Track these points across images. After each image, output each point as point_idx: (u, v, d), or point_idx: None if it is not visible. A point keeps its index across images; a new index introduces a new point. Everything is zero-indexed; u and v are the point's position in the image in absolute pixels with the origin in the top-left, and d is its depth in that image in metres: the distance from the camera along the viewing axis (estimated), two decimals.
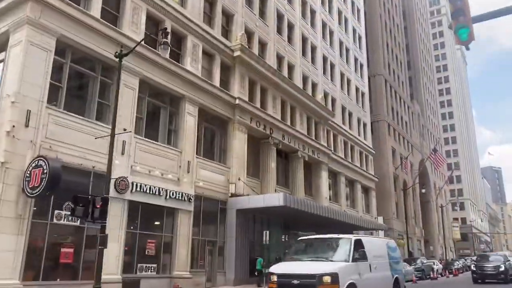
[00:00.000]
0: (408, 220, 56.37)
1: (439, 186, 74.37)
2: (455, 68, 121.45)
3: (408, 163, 54.31)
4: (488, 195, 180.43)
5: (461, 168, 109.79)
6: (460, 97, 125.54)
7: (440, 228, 72.58)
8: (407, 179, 58.47)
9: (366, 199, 44.21)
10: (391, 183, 51.20)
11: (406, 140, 60.90)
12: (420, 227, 60.41)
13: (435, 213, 70.45)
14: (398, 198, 53.41)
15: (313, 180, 34.08)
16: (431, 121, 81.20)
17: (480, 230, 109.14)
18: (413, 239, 56.16)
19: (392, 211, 49.62)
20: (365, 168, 44.40)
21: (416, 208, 60.75)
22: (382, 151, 51.69)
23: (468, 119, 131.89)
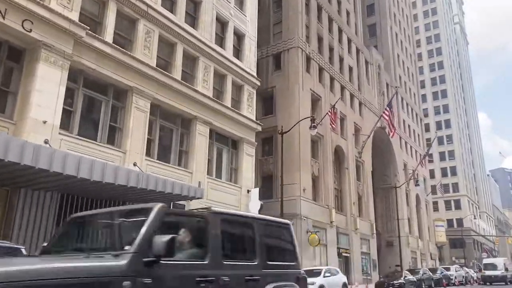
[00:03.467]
0: (343, 207, 36.89)
1: (415, 170, 54.44)
2: (449, 40, 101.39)
3: (337, 115, 34.99)
4: (497, 197, 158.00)
5: (456, 156, 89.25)
6: (457, 75, 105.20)
7: (413, 226, 52.56)
8: (347, 147, 39.00)
9: (236, 161, 25.17)
10: (305, 144, 31.95)
11: (349, 92, 41.51)
12: (369, 221, 40.70)
13: (404, 205, 50.56)
14: (323, 171, 34.08)
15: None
16: (408, 88, 61.52)
17: (478, 233, 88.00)
18: (352, 237, 36.58)
19: (302, 188, 30.34)
20: (243, 109, 25.61)
21: (364, 193, 41.13)
22: (291, 94, 32.58)
23: (469, 103, 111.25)
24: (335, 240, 33.60)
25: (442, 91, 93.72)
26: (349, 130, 39.79)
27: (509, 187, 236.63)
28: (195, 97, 21.73)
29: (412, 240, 50.56)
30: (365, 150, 42.44)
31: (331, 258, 32.47)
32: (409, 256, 48.99)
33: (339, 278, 19.64)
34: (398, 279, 26.96)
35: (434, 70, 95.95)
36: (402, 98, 57.48)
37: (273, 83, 33.89)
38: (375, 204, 50.18)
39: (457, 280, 37.33)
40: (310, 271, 19.45)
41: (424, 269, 33.13)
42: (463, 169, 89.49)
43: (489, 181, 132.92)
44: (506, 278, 37.56)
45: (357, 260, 36.58)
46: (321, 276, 18.29)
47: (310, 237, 29.50)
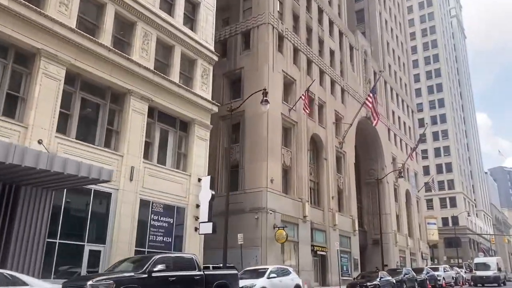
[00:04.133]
0: (320, 201, 33.76)
1: (404, 163, 51.34)
2: (445, 32, 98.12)
3: (316, 101, 31.82)
4: (495, 195, 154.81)
5: (451, 152, 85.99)
6: (453, 70, 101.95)
7: (402, 223, 49.40)
8: (326, 136, 35.83)
9: (185, 145, 21.94)
10: (274, 131, 28.76)
11: (330, 78, 38.32)
12: (351, 216, 37.53)
13: (391, 200, 47.41)
14: (296, 161, 30.90)
15: None
16: (398, 78, 58.29)
17: (474, 232, 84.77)
18: (329, 233, 33.40)
19: (269, 177, 27.14)
20: (196, 86, 22.38)
21: (346, 186, 37.95)
22: (260, 75, 29.41)
23: (466, 98, 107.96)
24: (308, 236, 30.44)
25: (437, 85, 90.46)
26: (328, 118, 36.60)
27: (508, 186, 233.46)
28: (129, 67, 18.56)
29: (400, 238, 47.37)
30: (348, 140, 39.28)
31: (304, 256, 29.33)
32: (397, 255, 45.85)
33: (289, 279, 16.45)
34: (373, 281, 23.78)
35: (429, 63, 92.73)
36: (392, 88, 54.28)
37: (242, 64, 30.74)
38: (361, 200, 47.07)
39: (445, 282, 34.13)
40: (253, 271, 16.30)
41: (407, 269, 29.89)
42: (458, 165, 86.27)
43: (487, 179, 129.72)
44: (499, 279, 34.46)
45: (335, 259, 33.37)
46: (264, 277, 15.10)
47: (276, 232, 26.43)
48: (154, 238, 18.97)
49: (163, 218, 19.54)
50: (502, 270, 36.07)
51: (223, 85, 31.39)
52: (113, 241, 16.96)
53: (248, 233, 26.47)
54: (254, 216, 26.51)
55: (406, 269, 29.83)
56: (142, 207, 18.54)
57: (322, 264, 32.72)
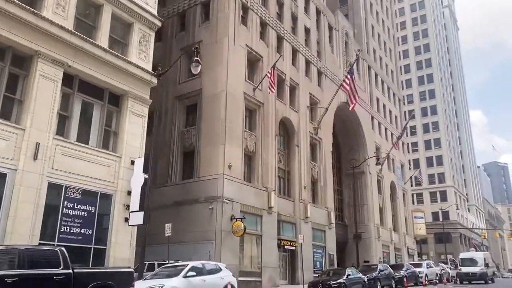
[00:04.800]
0: (290, 191, 30.75)
1: (389, 153, 48.41)
2: (436, 22, 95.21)
3: (286, 82, 28.73)
4: (488, 190, 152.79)
5: (442, 144, 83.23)
6: (445, 60, 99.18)
7: (386, 217, 46.52)
8: (298, 121, 32.76)
9: (116, 121, 18.74)
10: (234, 111, 25.64)
11: (304, 58, 35.23)
12: (326, 208, 34.52)
13: (374, 192, 44.49)
14: (261, 146, 27.80)
15: None
16: (384, 64, 55.28)
17: (464, 226, 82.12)
18: (300, 226, 30.38)
19: (227, 163, 24.03)
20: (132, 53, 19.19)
21: (321, 176, 34.92)
22: (219, 49, 26.26)
23: (458, 91, 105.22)
24: (274, 229, 27.40)
25: (428, 75, 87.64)
26: (302, 101, 33.53)
27: (502, 181, 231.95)
28: (37, 24, 15.35)
29: (384, 232, 44.49)
30: (324, 127, 36.26)
31: (268, 251, 26.29)
32: (379, 250, 42.97)
33: (217, 278, 13.35)
34: (338, 278, 20.81)
35: (419, 53, 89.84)
36: (377, 74, 51.27)
37: (200, 37, 27.57)
38: (342, 192, 44.15)
39: (427, 279, 31.25)
40: (171, 268, 13.19)
41: (383, 266, 26.99)
42: (449, 159, 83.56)
43: (479, 174, 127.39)
44: (486, 275, 31.61)
45: (307, 255, 30.42)
46: (179, 276, 12.01)
47: (233, 224, 23.37)
48: (67, 230, 15.80)
49: (82, 206, 16.37)
50: (490, 266, 33.22)
51: (180, 61, 28.18)
52: (6, 233, 13.81)
53: (202, 225, 23.47)
54: (208, 206, 23.42)
55: (382, 265, 26.95)
56: (51, 193, 15.37)
57: (292, 260, 29.71)
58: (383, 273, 25.78)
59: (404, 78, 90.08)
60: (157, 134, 27.99)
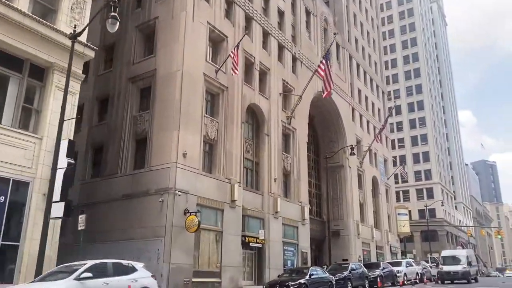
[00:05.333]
0: (259, 184, 28.40)
1: (370, 146, 46.27)
2: (423, 16, 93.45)
3: (255, 65, 26.29)
4: (476, 188, 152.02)
5: (429, 141, 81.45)
6: (433, 55, 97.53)
7: (367, 213, 44.35)
8: (269, 108, 30.35)
9: (39, 98, 16.13)
10: (192, 93, 23.12)
11: (277, 42, 32.83)
12: (300, 203, 32.16)
13: (353, 186, 42.27)
14: (224, 133, 25.32)
15: None
16: (367, 54, 53.12)
17: (450, 224, 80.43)
18: (269, 222, 27.96)
19: (182, 151, 21.51)
20: (61, 21, 16.58)
21: (295, 169, 32.56)
22: (176, 25, 23.72)
23: (446, 87, 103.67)
24: (238, 225, 24.97)
25: (415, 70, 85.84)
26: (273, 87, 31.13)
27: (490, 180, 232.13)
28: None
29: (364, 229, 42.29)
30: (299, 116, 33.92)
31: (230, 249, 23.85)
32: (359, 248, 40.76)
33: (127, 280, 10.87)
34: (299, 279, 18.45)
35: (406, 47, 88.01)
36: (358, 64, 49.06)
37: (156, 13, 25.03)
38: (320, 186, 41.90)
39: (406, 278, 29.07)
40: (67, 268, 10.65)
41: (355, 265, 24.69)
42: (436, 155, 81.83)
43: (467, 171, 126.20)
44: (469, 274, 29.47)
45: (276, 253, 28.07)
46: (69, 278, 9.52)
47: (187, 219, 20.88)
48: None
49: None
50: (473, 265, 31.10)
51: (135, 40, 25.71)
52: None
53: (152, 220, 20.98)
54: (158, 198, 20.90)
55: (354, 263, 24.61)
56: None
57: (259, 258, 27.30)
58: (355, 272, 23.53)
59: (391, 72, 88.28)
60: (110, 120, 25.50)
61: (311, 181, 40.72)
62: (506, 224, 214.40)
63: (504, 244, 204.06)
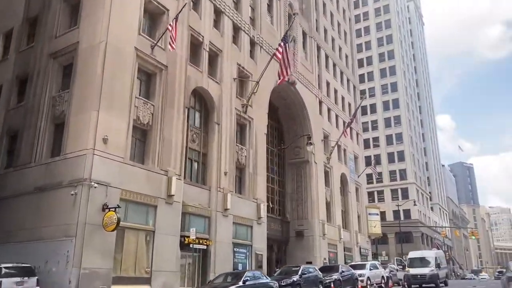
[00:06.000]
0: (205, 177, 25.29)
1: (338, 141, 43.64)
2: (400, 13, 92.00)
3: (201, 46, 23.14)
4: (452, 189, 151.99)
5: (404, 139, 79.68)
6: (409, 54, 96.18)
7: (334, 212, 41.64)
8: (221, 94, 27.25)
9: None
10: (117, 69, 19.84)
11: (231, 22, 29.79)
12: (255, 200, 29.11)
13: (320, 184, 39.51)
14: (161, 118, 22.11)
15: None
16: (337, 46, 50.65)
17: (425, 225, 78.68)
18: (217, 220, 24.81)
19: (102, 135, 18.19)
20: None
21: (251, 162, 29.54)
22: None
23: (422, 86, 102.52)
24: (176, 224, 21.73)
25: (390, 68, 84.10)
26: (226, 72, 28.07)
27: (468, 182, 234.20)
28: None
29: (331, 230, 39.53)
30: (258, 105, 30.98)
31: (164, 251, 20.61)
32: (324, 250, 37.94)
33: None
34: (231, 284, 15.38)
35: (382, 44, 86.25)
36: (328, 56, 46.48)
37: None
38: (285, 184, 39.04)
39: (370, 283, 26.32)
40: None
41: (308, 268, 21.77)
42: (412, 154, 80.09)
43: (444, 172, 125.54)
44: (438, 278, 26.93)
45: (224, 255, 24.94)
46: None
47: (105, 216, 17.57)
48: None
49: None
50: (442, 267, 28.61)
51: (59, 10, 22.32)
52: None
53: (63, 217, 17.65)
54: (71, 191, 17.56)
55: (305, 267, 21.64)
56: None
57: (203, 261, 24.13)
58: (306, 276, 20.60)
59: (366, 70, 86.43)
60: (27, 102, 22.03)
61: (274, 178, 37.85)
62: (482, 226, 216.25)
63: (481, 246, 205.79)
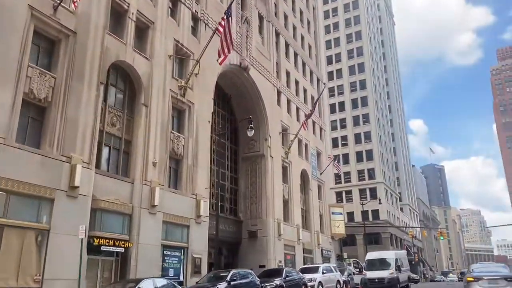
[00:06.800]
0: (129, 168, 21.55)
1: (297, 134, 40.44)
2: (369, 10, 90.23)
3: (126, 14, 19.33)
4: (423, 191, 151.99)
5: (372, 139, 77.49)
6: (378, 52, 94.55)
7: (292, 211, 38.35)
8: (150, 71, 23.48)
9: None
10: (7, 32, 15.83)
11: None
12: (194, 196, 25.39)
13: (276, 180, 36.15)
14: (63, 93, 18.21)
15: None
16: (299, 35, 47.61)
17: (393, 225, 76.57)
18: (140, 219, 20.97)
19: None
20: None
21: (189, 152, 25.85)
22: None
23: (392, 85, 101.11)
24: (82, 221, 17.71)
25: (359, 65, 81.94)
26: (159, 47, 24.37)
27: (439, 184, 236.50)
28: None
29: (288, 230, 36.20)
30: (201, 89, 27.39)
31: (63, 254, 16.67)
32: (280, 251, 34.55)
33: None
34: None
35: (351, 41, 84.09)
36: (288, 43, 43.35)
37: None
38: (238, 180, 35.57)
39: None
40: None
41: (239, 272, 18.19)
42: (380, 153, 77.95)
43: (414, 173, 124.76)
44: (398, 282, 23.82)
45: (150, 259, 21.11)
46: None
47: None
48: None
49: None
50: (403, 269, 25.57)
51: None
52: None
53: None
54: None
55: (236, 271, 18.04)
56: None
57: (122, 266, 20.25)
58: (237, 283, 17.02)
59: (335, 68, 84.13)
60: None
61: (225, 173, 34.32)
62: (453, 227, 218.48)
63: (452, 247, 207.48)
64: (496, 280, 15.21)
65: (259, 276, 21.05)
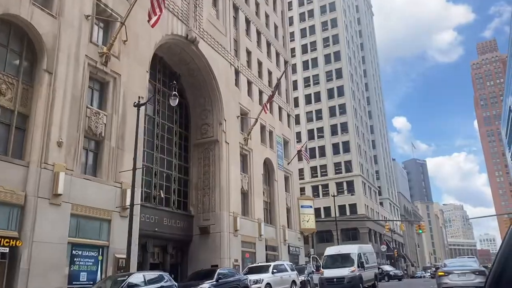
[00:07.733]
0: (25, 146, 17.00)
1: (257, 119, 36.41)
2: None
3: None
4: (405, 185, 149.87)
5: (349, 129, 74.06)
6: (355, 41, 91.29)
7: (252, 204, 34.39)
8: (61, 34, 19.15)
9: None
10: None
11: None
12: (118, 184, 21.15)
13: (232, 169, 32.12)
14: None
15: None
16: (264, 13, 43.62)
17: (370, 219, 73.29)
18: (36, 210, 16.64)
19: None
20: None
21: (112, 130, 21.68)
22: None
23: (371, 77, 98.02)
24: None
25: (335, 53, 78.42)
26: (70, 5, 20.08)
27: (421, 179, 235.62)
28: None
29: (247, 225, 32.22)
30: (131, 58, 23.23)
31: None
32: (237, 249, 30.55)
33: None
34: None
35: (326, 29, 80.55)
36: (249, 20, 39.34)
37: None
38: (190, 170, 31.48)
39: None
40: None
41: (139, 276, 14.08)
42: (358, 145, 74.59)
43: (395, 167, 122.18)
44: (361, 281, 19.99)
45: (48, 261, 16.84)
46: None
47: None
48: None
49: None
50: (369, 266, 21.79)
51: None
52: None
53: None
54: None
55: (139, 274, 13.91)
56: None
57: (11, 269, 15.96)
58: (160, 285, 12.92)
59: (310, 56, 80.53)
60: None
61: (173, 162, 30.17)
62: (436, 222, 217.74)
63: (435, 242, 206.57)
64: (465, 273, 16.15)
65: (188, 278, 17.03)
